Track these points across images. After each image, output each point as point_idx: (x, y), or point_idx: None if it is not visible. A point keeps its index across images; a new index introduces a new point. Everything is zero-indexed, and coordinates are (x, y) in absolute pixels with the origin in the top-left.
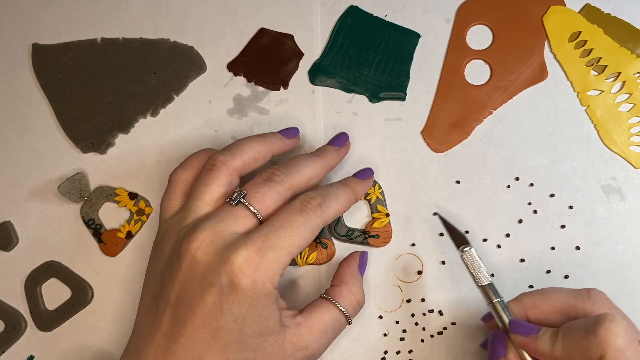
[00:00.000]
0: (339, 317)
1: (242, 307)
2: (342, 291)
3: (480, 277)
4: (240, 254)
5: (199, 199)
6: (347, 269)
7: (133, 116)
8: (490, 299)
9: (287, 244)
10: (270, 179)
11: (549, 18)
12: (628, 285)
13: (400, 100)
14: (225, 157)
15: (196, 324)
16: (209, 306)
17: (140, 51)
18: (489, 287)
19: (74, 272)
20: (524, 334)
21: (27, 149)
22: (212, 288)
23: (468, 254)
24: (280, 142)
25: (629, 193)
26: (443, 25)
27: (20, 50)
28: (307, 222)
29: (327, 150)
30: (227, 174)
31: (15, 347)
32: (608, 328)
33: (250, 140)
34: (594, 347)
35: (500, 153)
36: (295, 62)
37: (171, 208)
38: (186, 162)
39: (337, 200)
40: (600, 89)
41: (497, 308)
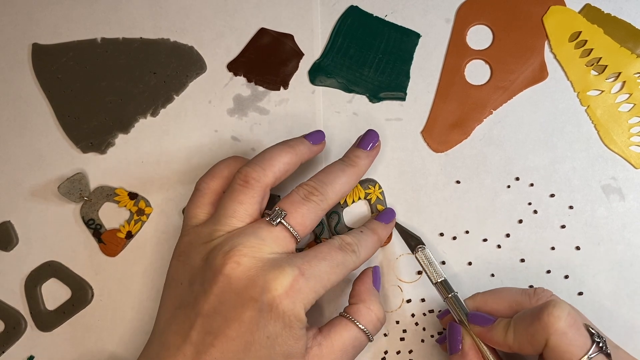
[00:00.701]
0: (358, 336)
1: (277, 325)
2: (360, 309)
3: (434, 275)
4: (287, 275)
5: (232, 216)
6: (363, 286)
7: (133, 116)
8: (445, 294)
9: (326, 277)
10: (308, 198)
11: (549, 18)
12: (628, 285)
13: (400, 100)
14: (257, 173)
15: (230, 336)
16: (246, 320)
17: (140, 51)
18: (444, 284)
19: (74, 272)
20: (481, 324)
21: (27, 149)
22: (252, 303)
23: (421, 254)
24: (307, 150)
25: (629, 193)
26: (443, 25)
27: (20, 50)
28: (344, 262)
29: (358, 157)
30: (261, 191)
31: (15, 347)
32: (550, 312)
33: (280, 152)
34: (539, 333)
35: (500, 153)
36: (295, 62)
37: (198, 217)
38: (214, 170)
39: (367, 248)
40: (600, 89)
41: (452, 302)
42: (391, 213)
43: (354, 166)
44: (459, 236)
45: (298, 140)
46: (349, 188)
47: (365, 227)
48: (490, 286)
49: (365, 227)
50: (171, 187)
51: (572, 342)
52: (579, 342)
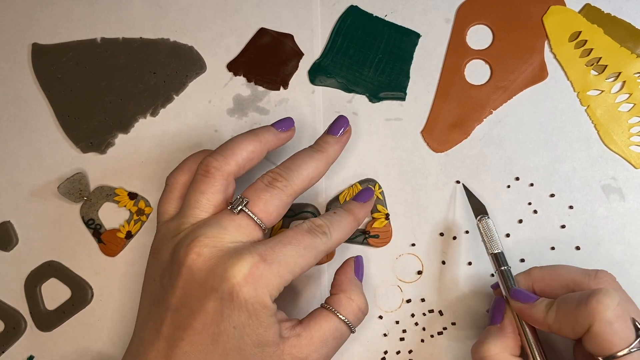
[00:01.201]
0: (339, 326)
1: (242, 315)
2: (341, 299)
3: (492, 246)
4: (245, 262)
5: (195, 207)
6: (344, 276)
7: (133, 116)
8: (497, 267)
9: (292, 261)
10: (272, 184)
11: (549, 18)
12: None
13: (400, 100)
14: (218, 162)
15: (196, 329)
16: (210, 311)
17: (140, 51)
18: (499, 256)
19: (74, 272)
20: (522, 301)
21: (27, 149)
22: (214, 293)
23: (484, 223)
24: (274, 137)
25: (629, 193)
26: (443, 25)
27: (20, 50)
28: (313, 245)
29: (327, 143)
30: (222, 180)
31: (15, 347)
32: (599, 300)
33: (243, 140)
34: (583, 317)
35: (500, 153)
36: (295, 62)
37: (168, 212)
38: (182, 164)
39: (341, 229)
40: (600, 88)
41: (502, 275)
42: (369, 192)
43: (323, 152)
44: (459, 236)
45: (264, 129)
46: (318, 174)
47: (339, 208)
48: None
49: (341, 207)
50: None
51: (616, 333)
52: (624, 334)
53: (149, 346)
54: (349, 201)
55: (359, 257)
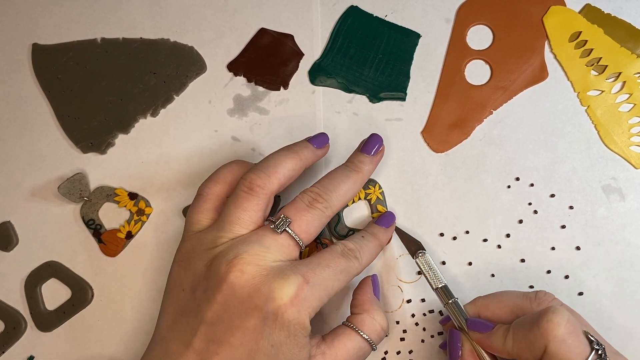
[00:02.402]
0: (362, 345)
1: (282, 334)
2: (364, 319)
3: (435, 280)
4: (292, 284)
5: (236, 224)
6: (364, 295)
7: (133, 116)
8: (445, 300)
9: (330, 285)
10: (313, 205)
11: (549, 18)
12: (628, 285)
13: (400, 100)
14: (262, 180)
15: (233, 345)
16: (250, 328)
17: (140, 51)
18: (444, 289)
19: (74, 272)
20: (480, 330)
21: (27, 149)
22: (257, 312)
23: (422, 259)
24: (312, 154)
25: (629, 193)
26: (443, 25)
27: (20, 50)
28: (347, 269)
29: (362, 163)
30: (265, 198)
31: (15, 347)
32: (549, 319)
33: (285, 158)
34: (538, 339)
35: (500, 153)
36: (295, 62)
37: (200, 222)
38: (216, 175)
39: (369, 253)
40: (600, 89)
41: (452, 308)
42: (391, 217)
43: (358, 172)
44: (459, 236)
45: (302, 145)
46: (353, 194)
47: (366, 232)
48: (490, 286)
49: (366, 231)
50: (171, 187)
51: (571, 349)
52: (578, 349)
53: (177, 357)
54: (374, 225)
55: (375, 277)
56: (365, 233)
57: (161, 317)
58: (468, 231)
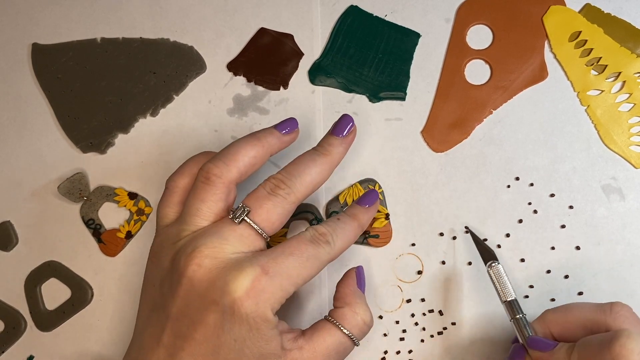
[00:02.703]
0: (343, 340)
1: (243, 328)
2: (345, 313)
3: (505, 293)
4: (247, 275)
5: (195, 215)
6: (347, 288)
7: (133, 116)
8: (512, 315)
9: (295, 273)
10: (274, 192)
11: (549, 18)
12: (628, 285)
13: (400, 100)
14: (219, 169)
15: (197, 340)
16: (210, 323)
17: (140, 51)
18: (513, 303)
19: (74, 272)
20: (541, 349)
21: (27, 149)
22: (214, 306)
23: (495, 270)
24: (277, 140)
25: (629, 193)
26: (443, 25)
27: (20, 50)
28: (316, 256)
29: (331, 145)
30: (224, 187)
31: (15, 347)
32: (623, 344)
33: (245, 145)
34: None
35: (500, 153)
36: (295, 62)
37: (168, 216)
38: (182, 167)
39: (345, 236)
40: (600, 88)
41: (518, 324)
42: (373, 195)
43: (327, 155)
44: (459, 236)
45: (266, 132)
46: (322, 179)
47: (343, 214)
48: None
49: (344, 213)
50: None
51: None
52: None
53: (149, 352)
54: (353, 205)
55: (360, 268)
56: (342, 215)
57: (138, 313)
58: (468, 231)
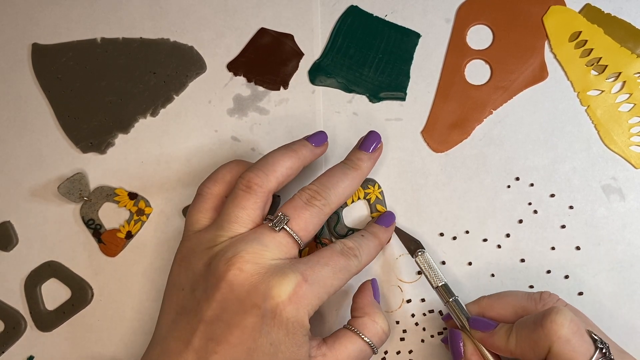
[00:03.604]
0: (363, 348)
1: (280, 332)
2: (366, 322)
3: (435, 279)
4: (290, 282)
5: (235, 222)
6: (365, 299)
7: (133, 116)
8: (446, 299)
9: (329, 283)
10: (311, 202)
11: (549, 18)
12: (628, 285)
13: (400, 100)
14: (260, 178)
15: (232, 343)
16: (249, 326)
17: (140, 51)
18: (444, 288)
19: (74, 272)
20: (482, 329)
21: (27, 149)
22: (255, 310)
23: (422, 258)
24: (310, 153)
25: (629, 193)
26: (443, 25)
27: (20, 50)
28: (347, 267)
29: (360, 160)
30: (263, 196)
31: (15, 347)
32: (553, 319)
33: (283, 156)
34: (542, 339)
35: (500, 153)
36: (295, 62)
37: (200, 222)
38: (216, 174)
39: (369, 252)
40: (600, 89)
41: (453, 307)
42: (391, 216)
43: (357, 169)
44: (459, 236)
45: (300, 144)
46: (352, 191)
47: (366, 231)
48: (490, 286)
49: (366, 230)
50: (171, 187)
51: (575, 349)
52: (582, 348)
53: (176, 356)
54: (374, 225)
55: (374, 280)
56: (365, 232)
57: (161, 317)
58: (468, 231)
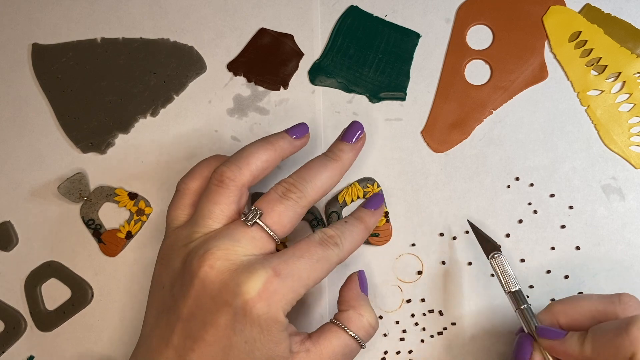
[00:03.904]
0: (349, 343)
1: (254, 330)
2: (351, 316)
3: (510, 284)
4: (259, 277)
5: (208, 217)
6: (350, 292)
7: (133, 116)
8: (517, 306)
9: (305, 275)
10: (286, 195)
11: (549, 18)
12: (628, 285)
13: (400, 100)
14: (233, 172)
15: (208, 341)
16: (222, 325)
17: (140, 51)
18: (518, 294)
19: (74, 272)
20: (551, 337)
21: (27, 149)
22: (226, 307)
23: (498, 261)
24: (289, 145)
25: (629, 193)
26: (443, 25)
27: (20, 50)
28: (326, 258)
29: (341, 151)
30: (237, 190)
31: (15, 347)
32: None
33: (258, 149)
34: (626, 346)
35: (500, 153)
36: (295, 62)
37: (178, 218)
38: (194, 170)
39: (352, 239)
40: (600, 89)
41: (524, 315)
42: (379, 198)
43: (337, 160)
44: (459, 236)
45: (278, 136)
46: (332, 183)
47: (350, 217)
48: (490, 286)
49: (351, 216)
50: (171, 187)
51: None
52: None
53: (158, 354)
54: (359, 209)
55: (362, 272)
56: (349, 218)
57: (146, 316)
58: (468, 231)
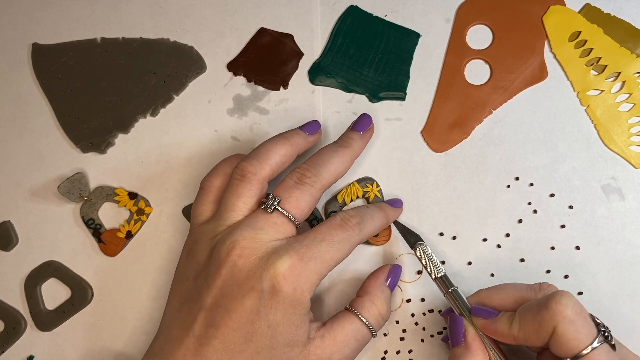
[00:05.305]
0: (360, 328)
1: (278, 313)
2: (364, 302)
3: (434, 270)
4: (285, 261)
5: (232, 210)
6: (373, 280)
7: (133, 116)
8: (445, 289)
9: (328, 257)
10: (301, 180)
11: (549, 18)
12: (628, 285)
13: (400, 100)
14: (254, 166)
15: (231, 327)
16: (247, 310)
17: (140, 51)
18: (444, 279)
19: (74, 272)
20: (485, 317)
21: (27, 149)
22: (252, 292)
23: (421, 250)
24: (304, 140)
25: (629, 193)
26: (443, 25)
27: (20, 50)
28: (347, 238)
29: (351, 139)
30: (258, 184)
31: (15, 347)
32: (558, 300)
33: (276, 145)
34: (546, 320)
35: (500, 153)
36: (295, 62)
37: (203, 214)
38: (217, 168)
39: (373, 221)
40: (600, 88)
41: (453, 297)
42: (399, 201)
43: (348, 147)
44: (459, 236)
45: (294, 132)
46: (344, 169)
47: (372, 204)
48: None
49: (372, 204)
50: (171, 187)
51: (579, 330)
52: (586, 330)
53: (178, 343)
54: (382, 203)
55: (397, 267)
56: (370, 205)
57: (167, 308)
58: (468, 231)
